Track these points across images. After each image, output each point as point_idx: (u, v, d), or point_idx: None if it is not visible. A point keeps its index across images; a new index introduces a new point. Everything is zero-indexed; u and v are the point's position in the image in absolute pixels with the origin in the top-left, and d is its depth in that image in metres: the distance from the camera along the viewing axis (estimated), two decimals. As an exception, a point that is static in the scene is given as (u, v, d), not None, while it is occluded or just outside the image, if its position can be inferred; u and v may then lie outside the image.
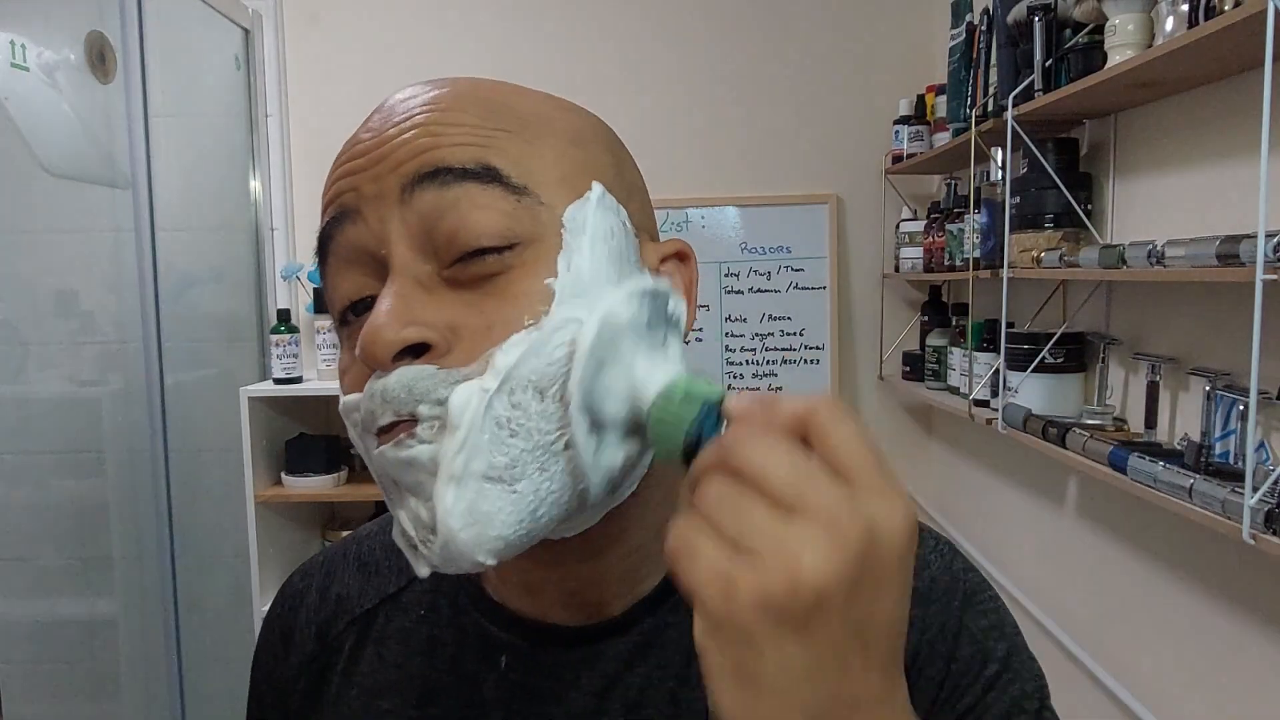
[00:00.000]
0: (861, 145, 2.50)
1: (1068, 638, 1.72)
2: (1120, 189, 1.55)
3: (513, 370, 0.41)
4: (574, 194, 0.45)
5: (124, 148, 1.98)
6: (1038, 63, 1.53)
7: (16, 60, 1.86)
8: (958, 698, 0.51)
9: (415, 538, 0.43)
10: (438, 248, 0.43)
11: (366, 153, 0.46)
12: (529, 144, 0.46)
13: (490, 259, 0.43)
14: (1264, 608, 1.22)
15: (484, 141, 0.44)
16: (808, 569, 0.31)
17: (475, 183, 0.43)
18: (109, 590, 2.26)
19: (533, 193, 0.44)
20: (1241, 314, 1.19)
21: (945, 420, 2.45)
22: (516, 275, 0.43)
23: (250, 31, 2.47)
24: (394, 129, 0.46)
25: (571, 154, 0.47)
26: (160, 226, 2.02)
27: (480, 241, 0.43)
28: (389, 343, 0.41)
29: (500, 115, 0.46)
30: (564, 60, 2.49)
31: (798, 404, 0.36)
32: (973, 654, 0.52)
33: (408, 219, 0.43)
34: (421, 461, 0.41)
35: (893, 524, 0.33)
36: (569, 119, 0.49)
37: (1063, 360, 1.61)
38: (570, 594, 0.53)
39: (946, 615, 0.53)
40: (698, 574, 0.33)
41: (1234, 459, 1.18)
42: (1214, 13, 1.09)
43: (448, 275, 0.44)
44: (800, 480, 0.33)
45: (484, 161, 0.44)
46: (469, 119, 0.45)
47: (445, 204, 0.43)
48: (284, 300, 2.49)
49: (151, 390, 2.03)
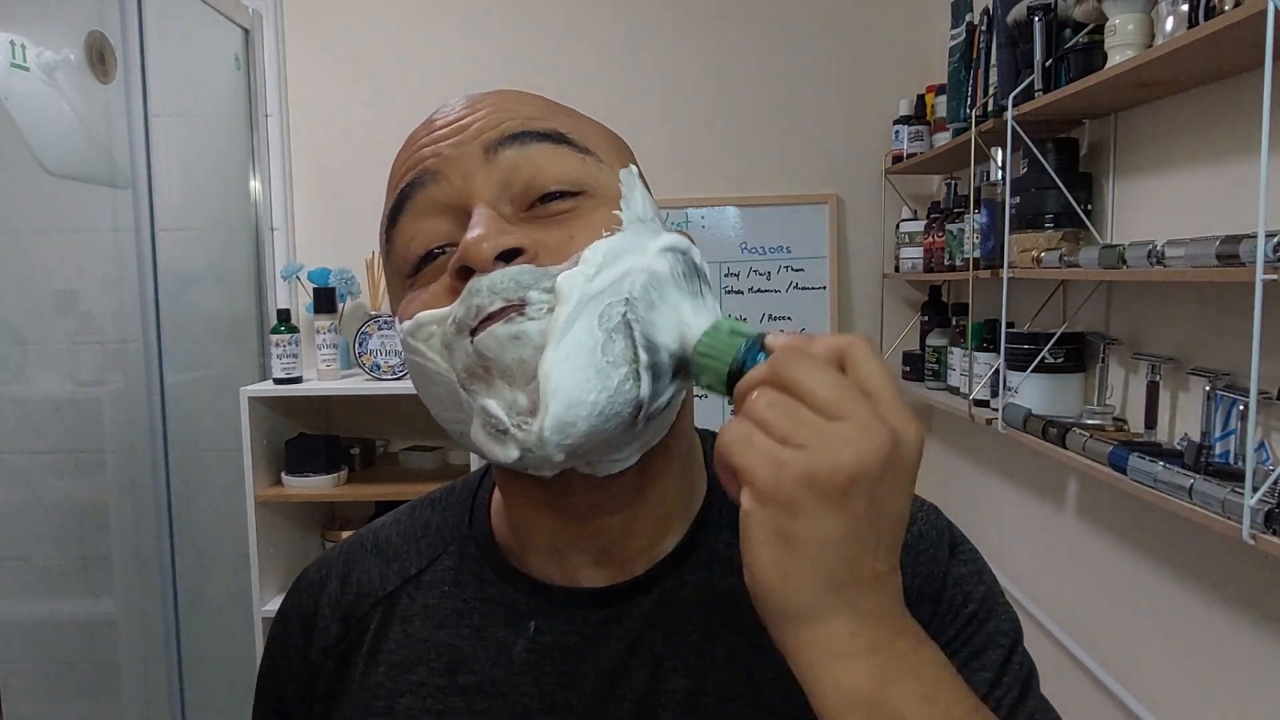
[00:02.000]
0: (861, 145, 2.50)
1: (1068, 638, 1.72)
2: (1120, 189, 1.55)
3: (601, 265, 0.47)
4: (621, 164, 0.54)
5: (124, 148, 1.98)
6: (1038, 63, 1.53)
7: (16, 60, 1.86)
8: (940, 633, 0.55)
9: (508, 422, 0.46)
10: (514, 197, 0.50)
11: (448, 125, 0.52)
12: (582, 126, 0.55)
13: (564, 202, 0.50)
14: (1264, 608, 1.22)
15: (549, 116, 0.53)
16: (847, 455, 0.39)
17: (549, 143, 0.51)
18: (109, 590, 2.26)
19: (594, 154, 0.53)
20: (1241, 314, 1.19)
21: (945, 420, 2.45)
22: (587, 210, 0.51)
23: (250, 31, 2.47)
24: (468, 111, 0.53)
25: (612, 139, 0.56)
26: (160, 226, 2.02)
27: (554, 185, 0.50)
28: (494, 245, 0.47)
29: (554, 106, 0.55)
30: (564, 60, 2.50)
31: (833, 340, 0.43)
32: (954, 595, 0.57)
33: (491, 174, 0.50)
34: (530, 335, 0.46)
35: (909, 436, 0.41)
36: (597, 124, 0.57)
37: (1063, 360, 1.61)
38: (600, 552, 0.56)
39: (933, 563, 0.58)
40: (752, 455, 0.40)
41: (1234, 459, 1.18)
42: (1214, 13, 1.09)
43: (525, 216, 0.50)
44: (840, 393, 0.40)
45: (554, 128, 0.52)
46: (532, 104, 0.54)
47: (524, 159, 0.50)
48: (284, 300, 2.49)
49: (151, 390, 2.03)
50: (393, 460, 2.55)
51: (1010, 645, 0.56)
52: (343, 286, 2.43)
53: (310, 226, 2.57)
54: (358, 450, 2.40)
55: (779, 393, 0.41)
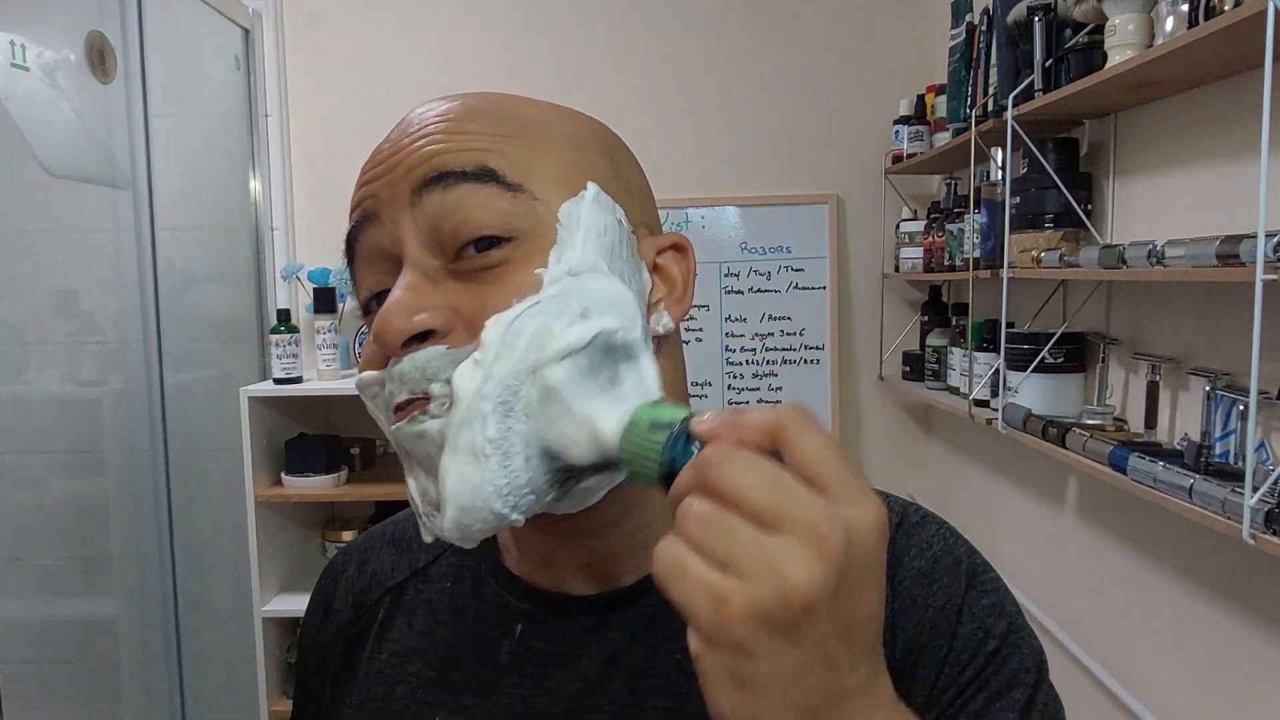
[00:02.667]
0: (861, 145, 2.49)
1: (1068, 638, 1.72)
2: (1120, 189, 1.55)
3: (498, 351, 0.45)
4: (570, 193, 0.49)
5: (124, 148, 1.98)
6: (1038, 63, 1.53)
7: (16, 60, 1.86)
8: (959, 672, 0.52)
9: (421, 510, 0.47)
10: (443, 243, 0.48)
11: (383, 161, 0.51)
12: (529, 149, 0.50)
13: (492, 253, 0.47)
14: (1264, 608, 1.22)
15: (485, 146, 0.49)
16: (794, 580, 0.33)
17: (474, 183, 0.48)
18: (109, 590, 2.26)
19: (528, 190, 0.48)
20: (1241, 314, 1.19)
21: (945, 420, 2.45)
22: (512, 266, 0.47)
23: (250, 31, 2.47)
24: (407, 139, 0.50)
25: (569, 156, 0.51)
26: (160, 226, 2.02)
27: (478, 231, 0.47)
28: (399, 330, 0.46)
29: (504, 123, 0.50)
30: (564, 61, 2.50)
31: (765, 417, 0.37)
32: (973, 630, 0.53)
33: (418, 219, 0.48)
34: (430, 435, 0.45)
35: (867, 526, 0.35)
36: (568, 124, 0.53)
37: (1063, 360, 1.61)
38: (584, 566, 0.56)
39: (949, 594, 0.54)
40: (689, 592, 0.35)
41: (1234, 459, 1.18)
42: (1214, 13, 1.09)
43: (453, 269, 0.48)
44: (778, 495, 0.35)
45: (482, 164, 0.48)
46: (475, 127, 0.50)
47: (449, 204, 0.48)
48: (284, 300, 2.49)
49: (151, 390, 2.03)
50: (393, 460, 2.54)
51: (1035, 683, 0.53)
52: (343, 286, 2.43)
53: (310, 226, 2.57)
54: (358, 450, 2.40)
55: (710, 503, 0.35)
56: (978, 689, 0.52)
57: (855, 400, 2.58)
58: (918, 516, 0.59)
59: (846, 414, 2.56)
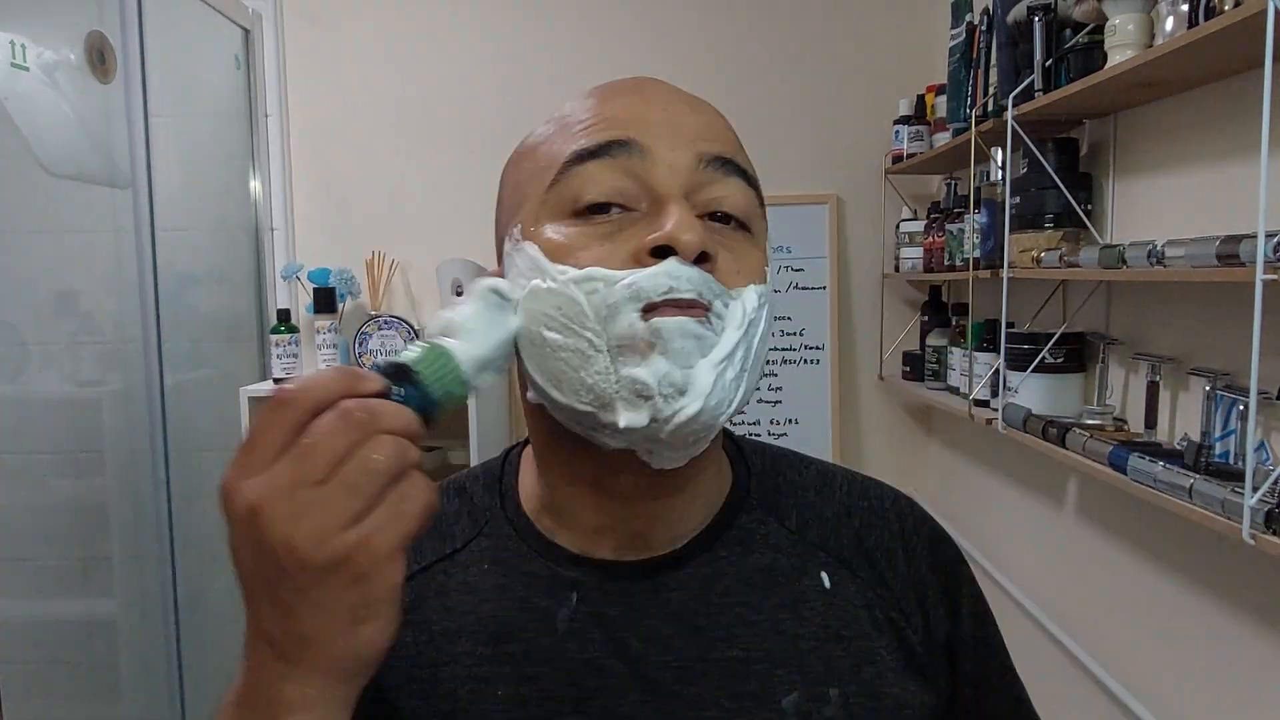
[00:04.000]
0: (861, 145, 2.49)
1: (1068, 638, 1.72)
2: (1120, 189, 1.55)
3: (755, 308, 0.55)
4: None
5: (124, 148, 1.98)
6: (1038, 63, 1.53)
7: (16, 60, 1.86)
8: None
9: (656, 389, 0.51)
10: (698, 203, 0.55)
11: (661, 111, 0.58)
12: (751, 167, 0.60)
13: (734, 230, 0.57)
14: (1264, 608, 1.22)
15: (741, 151, 0.60)
16: None
17: (743, 180, 0.58)
18: (109, 590, 2.26)
19: (762, 202, 0.60)
20: (1241, 314, 1.19)
21: (945, 420, 2.45)
22: (748, 247, 0.57)
23: (250, 31, 2.47)
24: (686, 108, 0.59)
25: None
26: (160, 226, 2.01)
27: (734, 211, 0.56)
28: (700, 244, 0.52)
29: (736, 137, 0.61)
30: (564, 61, 2.49)
31: None
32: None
33: (693, 178, 0.55)
34: (708, 341, 0.52)
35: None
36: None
37: (1063, 360, 1.61)
38: (633, 535, 0.59)
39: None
40: None
41: (1234, 459, 1.18)
42: (1214, 13, 1.09)
43: (702, 224, 0.55)
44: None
45: (748, 168, 0.59)
46: (728, 130, 0.61)
47: (720, 182, 0.56)
48: (284, 300, 2.49)
49: (151, 390, 2.02)
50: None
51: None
52: (343, 286, 2.43)
53: (310, 226, 2.57)
54: (358, 450, 2.40)
55: None
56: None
57: (855, 400, 2.58)
58: None
59: (846, 414, 2.56)
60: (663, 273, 0.51)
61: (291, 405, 0.42)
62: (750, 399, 0.56)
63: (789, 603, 0.59)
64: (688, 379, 0.51)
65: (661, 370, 0.51)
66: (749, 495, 0.63)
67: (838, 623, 0.59)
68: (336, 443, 0.41)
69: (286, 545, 0.41)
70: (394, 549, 0.42)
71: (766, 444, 0.69)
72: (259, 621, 0.44)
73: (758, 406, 2.51)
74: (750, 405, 2.50)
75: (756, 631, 0.58)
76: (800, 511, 0.64)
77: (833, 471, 0.68)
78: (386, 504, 0.42)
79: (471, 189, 2.54)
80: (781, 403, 2.51)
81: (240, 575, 0.44)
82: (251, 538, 0.42)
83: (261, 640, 0.44)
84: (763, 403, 2.51)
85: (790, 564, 0.61)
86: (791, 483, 0.66)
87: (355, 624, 0.42)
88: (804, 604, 0.59)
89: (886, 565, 0.63)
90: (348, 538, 0.41)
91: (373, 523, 0.42)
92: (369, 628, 0.43)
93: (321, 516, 0.41)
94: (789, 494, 0.65)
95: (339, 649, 0.43)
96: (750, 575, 0.60)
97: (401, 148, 2.50)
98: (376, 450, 0.42)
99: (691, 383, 0.51)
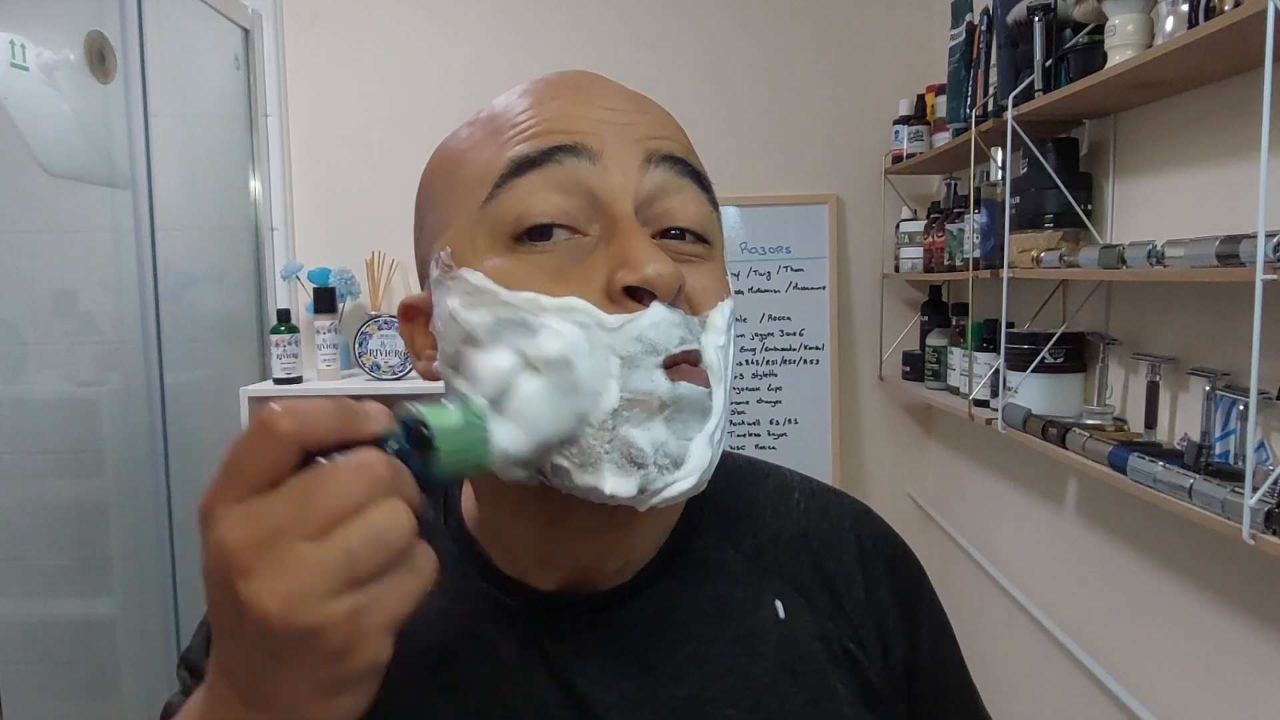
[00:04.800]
0: (861, 145, 2.50)
1: (1068, 638, 1.72)
2: (1120, 189, 1.55)
3: (727, 335, 0.51)
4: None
5: (124, 148, 1.98)
6: (1038, 63, 1.53)
7: (16, 60, 1.86)
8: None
9: (651, 458, 0.46)
10: (649, 218, 0.50)
11: (607, 108, 0.51)
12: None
13: (689, 244, 0.52)
14: (1264, 608, 1.22)
15: (693, 154, 0.55)
16: None
17: (697, 183, 0.53)
18: (108, 590, 2.26)
19: (716, 208, 0.55)
20: (1241, 314, 1.19)
21: (945, 420, 2.45)
22: (708, 262, 0.52)
23: (250, 31, 2.47)
24: (631, 105, 0.53)
25: None
26: (160, 226, 2.01)
27: (692, 223, 0.52)
28: (674, 282, 0.47)
29: (688, 139, 0.56)
30: (564, 61, 2.49)
31: None
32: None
33: (643, 184, 0.50)
34: (708, 408, 0.49)
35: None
36: None
37: (1063, 360, 1.61)
38: (581, 567, 0.55)
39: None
40: None
41: (1234, 459, 1.18)
42: (1214, 13, 1.09)
43: (654, 242, 0.50)
44: None
45: (702, 171, 0.54)
46: (679, 131, 0.55)
47: (673, 187, 0.51)
48: (284, 300, 2.49)
49: (151, 390, 2.02)
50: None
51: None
52: (343, 286, 2.43)
53: (310, 226, 2.57)
54: (357, 450, 2.40)
55: None
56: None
57: (855, 400, 2.58)
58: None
59: (846, 414, 2.56)
60: (663, 321, 0.47)
61: (280, 436, 0.36)
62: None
63: (743, 636, 0.56)
64: (684, 451, 0.47)
65: (660, 438, 0.46)
66: (703, 517, 0.60)
67: (792, 656, 0.56)
68: (343, 496, 0.36)
69: (258, 603, 0.35)
70: (387, 628, 0.37)
71: (724, 454, 0.63)
72: (222, 656, 0.39)
73: (758, 406, 2.51)
74: (750, 405, 2.50)
75: (709, 670, 0.55)
76: (756, 534, 0.61)
77: (790, 485, 0.65)
78: (388, 578, 0.36)
79: (471, 189, 2.54)
80: (781, 403, 2.51)
81: (210, 602, 0.38)
82: (222, 578, 0.36)
83: (224, 675, 0.40)
84: (762, 403, 2.51)
85: (745, 595, 0.58)
86: (747, 501, 0.62)
87: (327, 696, 0.37)
88: (758, 638, 0.56)
89: (845, 591, 0.60)
90: (333, 609, 0.35)
91: (367, 596, 0.36)
92: (344, 699, 0.38)
93: (307, 578, 0.35)
94: (744, 515, 0.61)
95: (309, 716, 0.38)
96: (703, 606, 0.57)
97: (401, 148, 2.50)
98: (393, 517, 0.36)
99: (688, 456, 0.47)
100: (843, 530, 0.62)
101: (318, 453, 0.37)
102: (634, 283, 0.47)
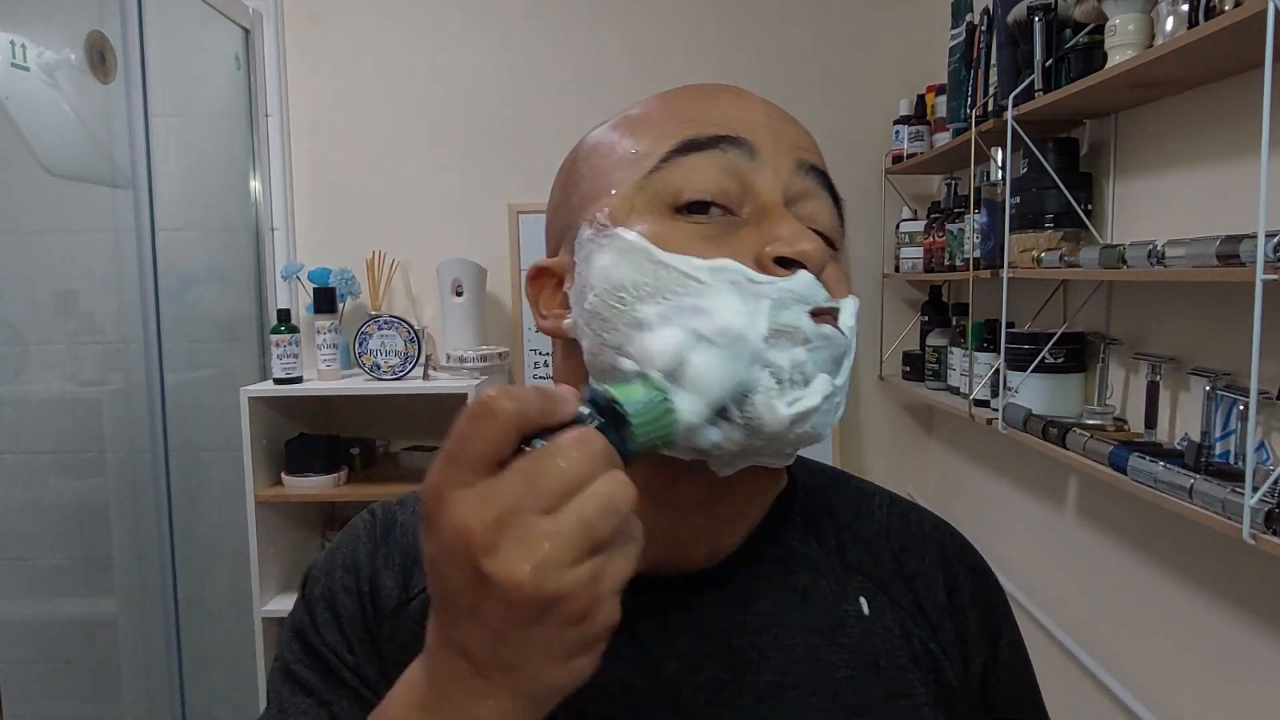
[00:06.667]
0: (861, 145, 2.49)
1: (1068, 637, 1.72)
2: (1120, 189, 1.55)
3: (855, 318, 0.54)
4: None
5: (124, 148, 1.98)
6: (1038, 63, 1.53)
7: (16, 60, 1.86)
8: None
9: (787, 374, 0.49)
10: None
11: (763, 115, 0.58)
12: None
13: (833, 250, 0.56)
14: (1264, 608, 1.22)
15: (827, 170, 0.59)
16: None
17: (832, 196, 0.58)
18: (109, 590, 2.26)
19: (844, 224, 0.59)
20: (1241, 314, 1.19)
21: (945, 420, 2.45)
22: (834, 264, 0.56)
23: (250, 31, 2.47)
24: (783, 116, 0.60)
25: None
26: (160, 226, 2.02)
27: (826, 230, 0.56)
28: (823, 260, 0.52)
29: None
30: (564, 61, 2.49)
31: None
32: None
33: (792, 185, 0.55)
34: (843, 354, 0.52)
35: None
36: None
37: (1063, 360, 1.61)
38: (675, 547, 0.56)
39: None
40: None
41: (1234, 459, 1.18)
42: (1214, 13, 1.09)
43: None
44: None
45: (836, 190, 0.59)
46: (820, 151, 0.61)
47: (813, 195, 0.56)
48: (284, 300, 2.49)
49: (151, 390, 2.03)
50: (393, 460, 2.54)
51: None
52: (343, 286, 2.43)
53: (310, 226, 2.57)
54: (358, 450, 2.40)
55: None
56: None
57: (855, 400, 2.58)
58: None
59: (847, 414, 2.55)
60: (812, 283, 0.51)
61: (499, 418, 0.39)
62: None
63: (826, 628, 0.57)
64: (814, 376, 0.50)
65: (800, 359, 0.49)
66: (793, 510, 0.61)
67: (874, 652, 0.57)
68: (571, 471, 0.39)
69: (508, 575, 0.38)
70: (618, 589, 0.40)
71: (809, 458, 0.66)
72: (455, 634, 0.41)
73: (758, 406, 2.50)
74: (750, 405, 2.49)
75: (791, 656, 0.56)
76: (839, 531, 0.62)
77: (870, 490, 0.66)
78: (617, 543, 0.40)
79: (472, 189, 2.54)
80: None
81: (438, 586, 0.41)
82: (462, 558, 0.38)
83: (455, 652, 0.41)
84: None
85: (829, 587, 0.59)
86: (830, 502, 0.64)
87: (565, 660, 0.40)
88: (841, 630, 0.57)
89: (925, 592, 0.61)
90: (577, 574, 0.38)
91: (603, 561, 0.39)
92: (582, 661, 0.41)
93: (552, 548, 0.38)
94: (828, 512, 0.63)
95: (547, 680, 0.41)
96: (788, 596, 0.58)
97: (401, 148, 2.50)
98: (617, 487, 0.39)
99: (816, 380, 0.50)
100: (924, 535, 0.64)
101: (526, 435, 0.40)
102: (787, 254, 0.51)
